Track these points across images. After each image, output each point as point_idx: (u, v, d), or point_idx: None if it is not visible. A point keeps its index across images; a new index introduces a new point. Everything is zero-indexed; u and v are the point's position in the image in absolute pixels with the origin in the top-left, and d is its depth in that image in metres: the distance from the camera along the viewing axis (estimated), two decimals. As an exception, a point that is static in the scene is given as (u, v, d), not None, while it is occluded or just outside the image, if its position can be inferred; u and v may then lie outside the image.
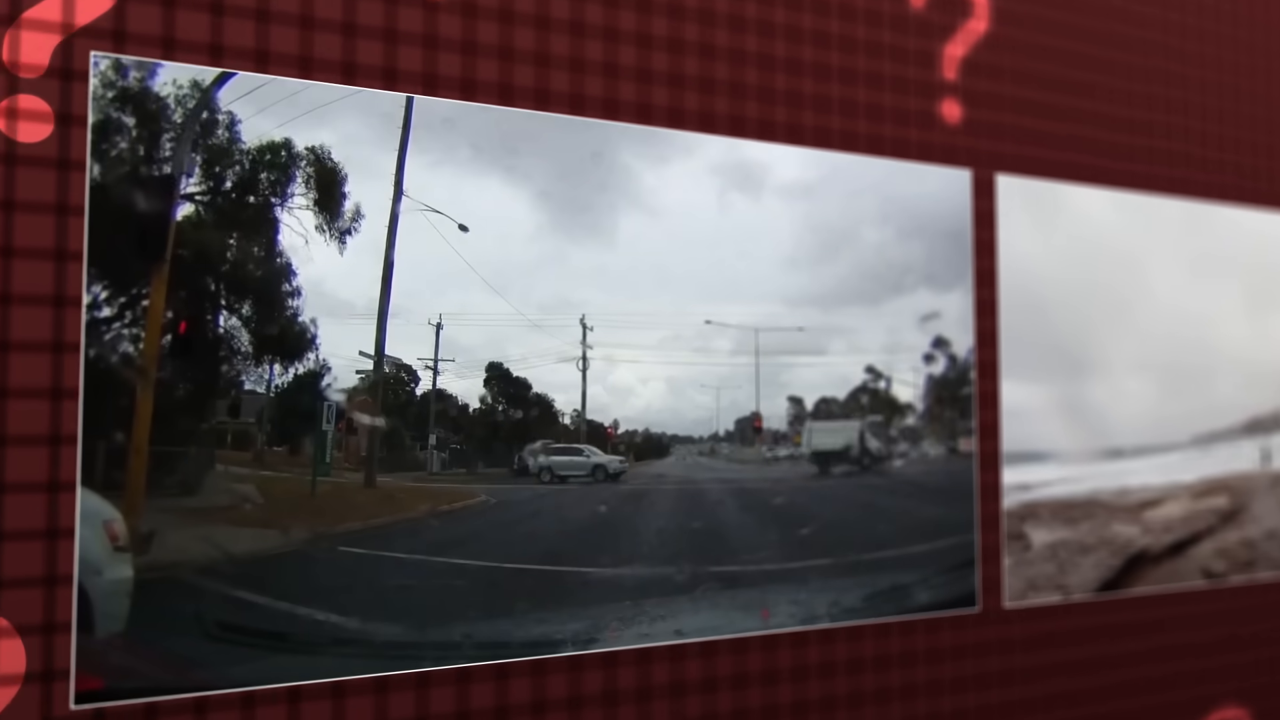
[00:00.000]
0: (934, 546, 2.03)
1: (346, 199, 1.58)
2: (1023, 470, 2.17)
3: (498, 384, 1.67)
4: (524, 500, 1.71)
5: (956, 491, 2.08)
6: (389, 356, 1.60)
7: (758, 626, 1.84)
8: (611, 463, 1.84)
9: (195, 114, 1.49)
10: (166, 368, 1.46)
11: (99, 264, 1.42)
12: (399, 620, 1.57)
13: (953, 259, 2.10)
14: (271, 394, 1.53)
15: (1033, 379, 2.20)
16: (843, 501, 2.00)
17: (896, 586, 1.98)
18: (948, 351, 2.10)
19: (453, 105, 1.65)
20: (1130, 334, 2.35)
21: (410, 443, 1.62)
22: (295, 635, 1.50)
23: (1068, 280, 2.26)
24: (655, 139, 1.81)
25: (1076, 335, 2.28)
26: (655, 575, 1.76)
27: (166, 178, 1.47)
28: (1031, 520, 2.18)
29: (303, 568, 1.52)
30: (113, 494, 1.41)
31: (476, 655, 1.62)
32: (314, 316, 1.55)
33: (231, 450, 1.51)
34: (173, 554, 1.45)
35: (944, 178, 2.09)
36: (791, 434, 1.94)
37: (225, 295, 1.50)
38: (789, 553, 1.88)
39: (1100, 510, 2.28)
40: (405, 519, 1.60)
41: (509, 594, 1.65)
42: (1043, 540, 2.18)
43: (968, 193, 2.14)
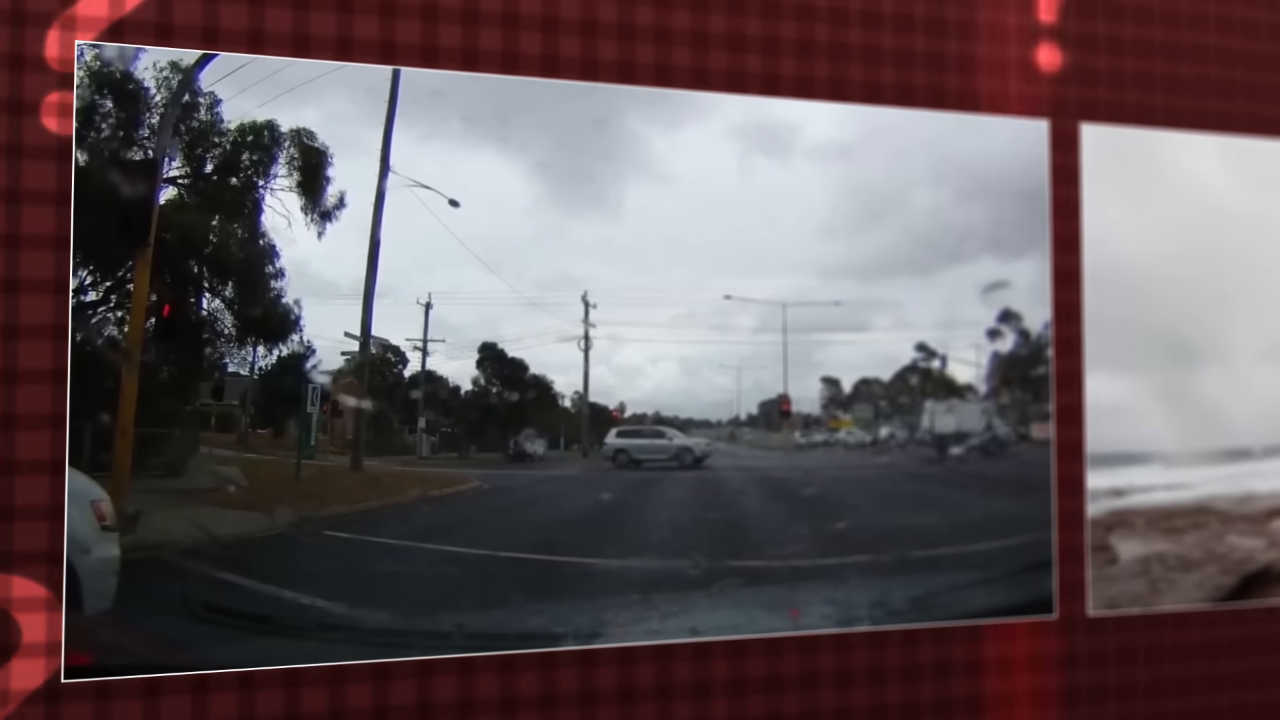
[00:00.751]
0: (998, 545, 1.84)
1: (331, 178, 1.57)
2: (1114, 473, 1.92)
3: (491, 365, 1.62)
4: (520, 486, 1.67)
5: (1026, 483, 1.87)
6: (375, 337, 1.59)
7: (786, 627, 1.72)
8: (699, 445, 1.77)
9: (177, 97, 1.51)
10: (151, 351, 1.50)
11: (84, 249, 1.47)
12: (387, 607, 1.56)
13: (1025, 222, 1.88)
14: (255, 376, 1.54)
15: (1126, 365, 1.94)
16: (887, 494, 1.83)
17: (953, 588, 1.81)
18: (1018, 326, 1.89)
19: (442, 76, 1.61)
20: (1255, 312, 2.03)
21: (398, 426, 1.61)
22: (281, 619, 1.52)
23: (1171, 248, 1.98)
24: (667, 102, 1.71)
25: (1184, 313, 1.99)
26: (666, 569, 1.67)
27: (149, 161, 1.50)
28: (1121, 530, 1.93)
29: (288, 551, 1.53)
30: (99, 475, 1.47)
31: (469, 646, 1.58)
32: (298, 298, 1.55)
33: (216, 432, 1.53)
34: (158, 534, 1.49)
35: (1013, 130, 1.88)
36: (826, 418, 1.80)
37: (209, 278, 1.53)
38: (822, 548, 1.75)
39: (1213, 519, 1.99)
40: (393, 504, 1.59)
41: (504, 584, 1.61)
42: (1133, 553, 1.92)
43: (1044, 146, 1.91)
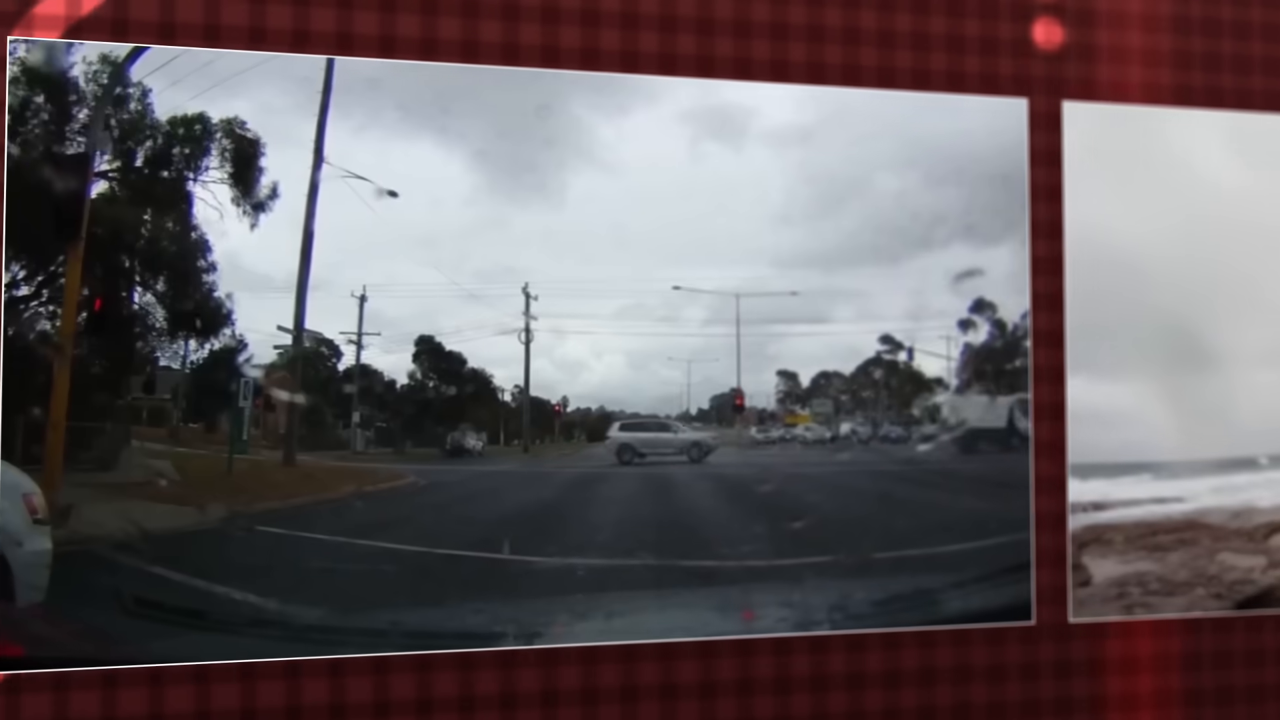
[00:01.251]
0: (968, 548, 1.77)
1: (263, 170, 1.57)
2: (1091, 484, 1.78)
3: (429, 359, 1.61)
4: (457, 482, 1.65)
5: (997, 482, 1.79)
6: (309, 331, 1.58)
7: (739, 629, 1.67)
8: (707, 439, 1.74)
9: (108, 91, 1.52)
10: (83, 345, 1.52)
11: (15, 244, 1.48)
12: (320, 604, 1.55)
13: (1001, 207, 1.80)
14: (187, 370, 1.55)
15: (1112, 364, 1.81)
16: (850, 492, 1.77)
17: (920, 591, 1.74)
18: (992, 316, 1.81)
19: (378, 65, 1.60)
20: (1259, 311, 1.88)
21: (333, 421, 1.60)
22: (211, 614, 1.52)
23: (1164, 238, 1.87)
24: (612, 86, 1.67)
25: (1179, 310, 1.85)
26: (612, 568, 1.64)
27: (80, 156, 1.52)
28: (1097, 548, 1.79)
29: (219, 546, 1.54)
30: (31, 468, 1.48)
31: (404, 644, 1.57)
32: (230, 291, 1.55)
33: (148, 427, 1.55)
34: (90, 528, 1.51)
35: (988, 110, 1.79)
36: (782, 413, 1.74)
37: (140, 272, 1.54)
38: (778, 549, 1.69)
39: (1204, 535, 1.83)
40: (327, 499, 1.58)
41: (442, 582, 1.59)
42: (1109, 574, 1.78)
43: (1022, 127, 1.82)
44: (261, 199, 1.58)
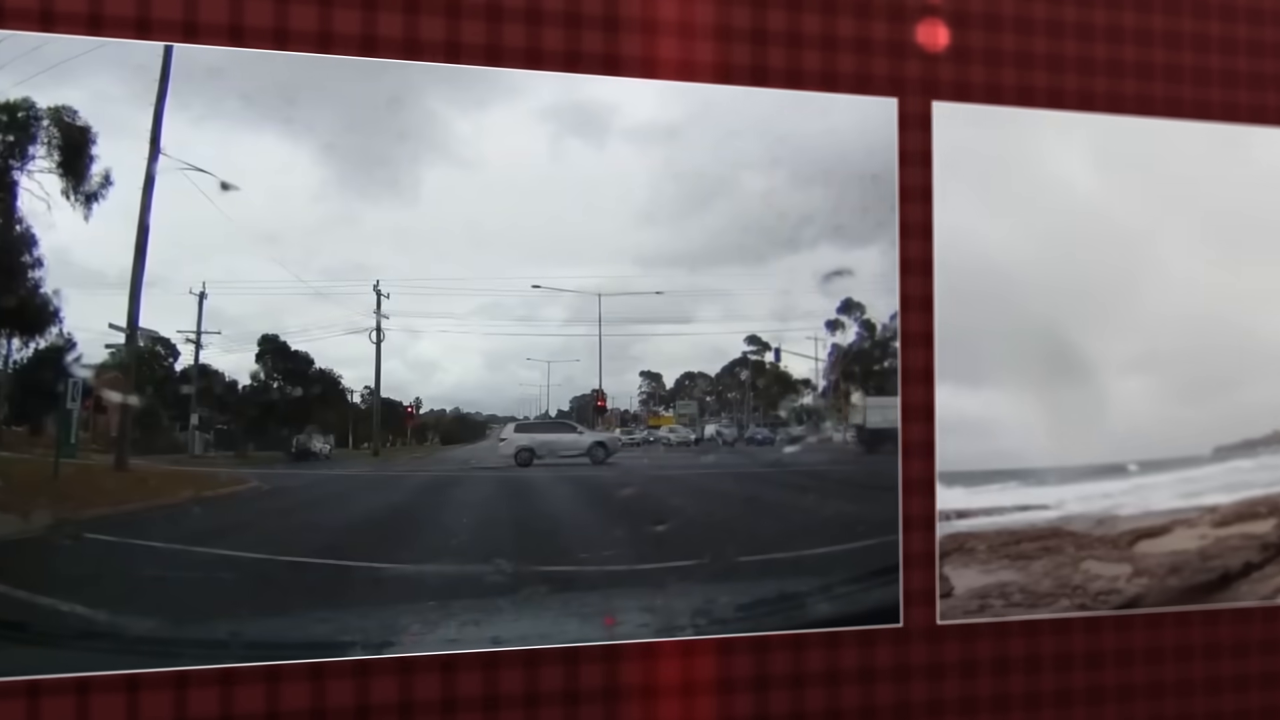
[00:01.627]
0: (836, 550, 1.76)
1: (95, 160, 1.51)
2: (958, 493, 1.76)
3: (273, 359, 1.56)
4: (303, 487, 1.60)
5: (864, 483, 1.78)
6: (143, 329, 1.52)
7: (601, 635, 1.65)
8: (612, 440, 1.70)
9: (-75, 75, 1.45)
10: (-105, 343, 1.44)
11: None
12: (153, 614, 1.49)
13: (870, 207, 1.80)
14: (10, 370, 1.48)
15: (979, 370, 1.81)
16: (715, 495, 1.75)
17: (785, 595, 1.73)
18: (860, 317, 1.81)
19: (219, 53, 1.54)
20: (1129, 317, 1.89)
21: (169, 423, 1.54)
22: (35, 626, 1.46)
23: (1034, 242, 1.88)
24: (470, 80, 1.63)
25: (1047, 314, 1.85)
26: (466, 574, 1.60)
27: (-107, 144, 1.44)
28: (959, 556, 1.79)
29: (45, 555, 1.47)
30: None
31: (246, 655, 1.52)
32: (58, 287, 1.49)
33: (-34, 430, 1.47)
34: (-98, 537, 1.43)
35: (857, 109, 1.79)
36: (645, 414, 1.72)
37: (-41, 266, 1.47)
38: (640, 553, 1.67)
39: (1067, 543, 1.82)
40: (161, 505, 1.53)
41: (285, 590, 1.54)
42: (970, 585, 1.78)
43: (892, 126, 1.83)
44: (93, 191, 1.52)
